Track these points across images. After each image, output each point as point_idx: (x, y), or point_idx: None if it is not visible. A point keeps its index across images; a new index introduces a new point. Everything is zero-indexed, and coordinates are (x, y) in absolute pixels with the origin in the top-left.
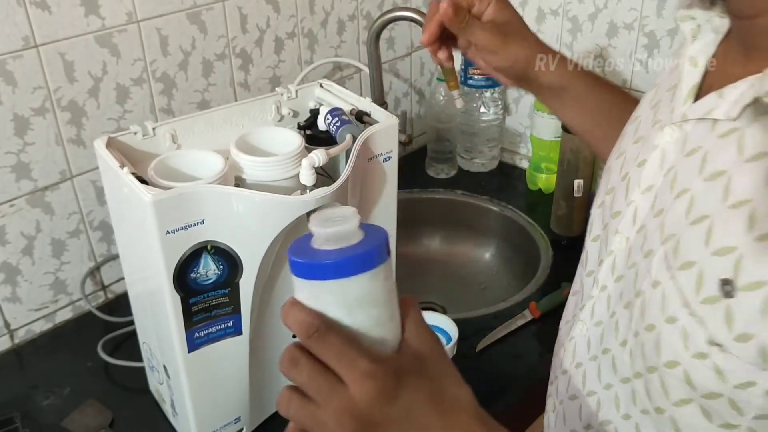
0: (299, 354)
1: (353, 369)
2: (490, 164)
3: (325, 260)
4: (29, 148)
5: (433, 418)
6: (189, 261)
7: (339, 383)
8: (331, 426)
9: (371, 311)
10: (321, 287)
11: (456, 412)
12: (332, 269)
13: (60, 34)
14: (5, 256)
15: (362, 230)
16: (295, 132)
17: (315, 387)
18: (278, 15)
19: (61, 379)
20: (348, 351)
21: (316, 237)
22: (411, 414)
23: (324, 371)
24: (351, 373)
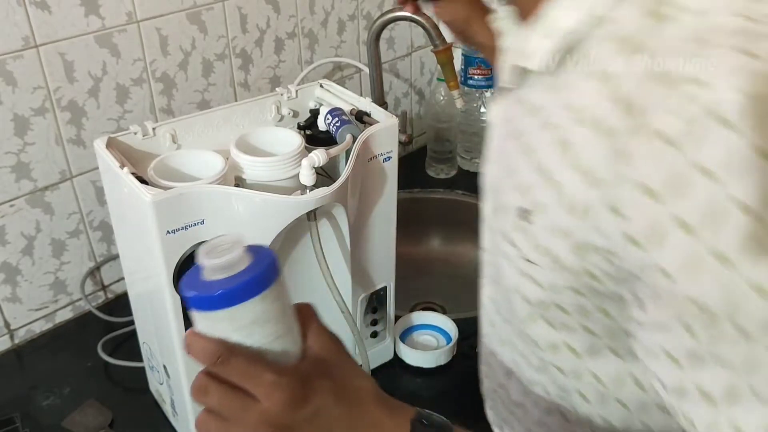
0: (207, 380)
1: (260, 384)
2: None
3: (215, 292)
4: (29, 148)
5: (342, 413)
6: (189, 261)
7: (250, 400)
8: None
9: (268, 329)
10: (216, 317)
11: (361, 403)
12: (222, 299)
13: (60, 34)
14: (5, 256)
15: (250, 254)
16: (295, 132)
17: (227, 407)
18: (278, 15)
19: (61, 379)
20: (252, 369)
21: (204, 269)
22: (321, 413)
23: (234, 392)
24: (259, 388)
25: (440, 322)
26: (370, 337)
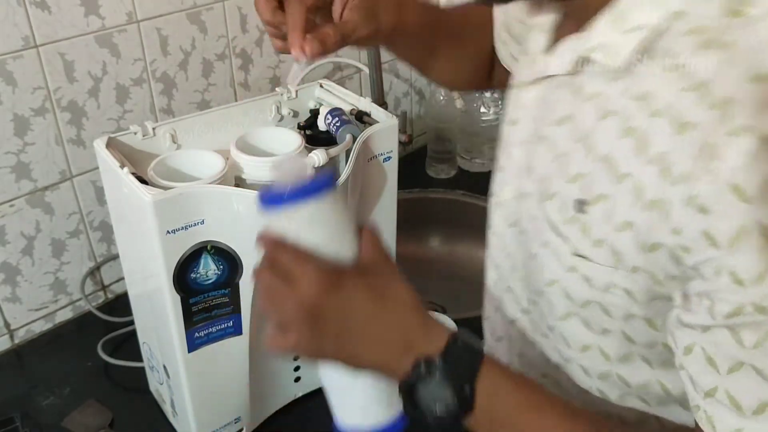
0: (262, 266)
1: (302, 270)
2: (490, 164)
3: (275, 193)
4: (29, 148)
5: (372, 308)
6: (189, 261)
7: (291, 284)
8: (290, 316)
9: (321, 231)
10: (278, 215)
11: (395, 309)
12: (282, 198)
13: (60, 34)
14: (5, 256)
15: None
16: (295, 132)
17: (274, 290)
18: None
19: (61, 379)
20: (298, 257)
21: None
22: (351, 305)
23: (281, 277)
24: (300, 273)
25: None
26: None
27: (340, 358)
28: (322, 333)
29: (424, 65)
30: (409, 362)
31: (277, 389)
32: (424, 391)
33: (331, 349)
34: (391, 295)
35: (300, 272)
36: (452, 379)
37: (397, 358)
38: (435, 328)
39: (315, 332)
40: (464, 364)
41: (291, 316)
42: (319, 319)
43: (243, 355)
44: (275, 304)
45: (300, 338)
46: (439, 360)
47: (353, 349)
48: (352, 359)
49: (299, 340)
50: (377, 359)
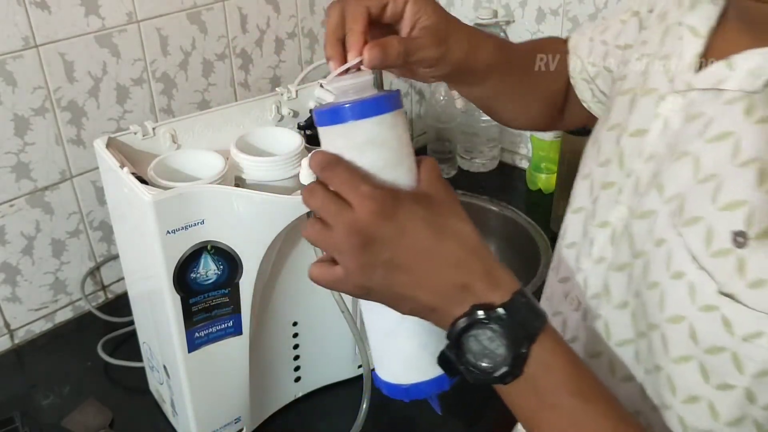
0: (316, 185)
1: (356, 192)
2: (490, 164)
3: (334, 108)
4: (29, 148)
5: (428, 241)
6: (189, 261)
7: (346, 206)
8: (340, 242)
9: (379, 154)
10: (333, 132)
11: (456, 241)
12: (340, 114)
13: (60, 34)
14: (5, 256)
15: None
16: (295, 132)
17: (326, 210)
18: (278, 15)
19: (61, 379)
20: (353, 178)
21: (334, 93)
22: (406, 232)
23: (334, 198)
24: (354, 195)
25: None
26: None
27: (387, 294)
28: (371, 263)
29: (489, 106)
30: (463, 307)
31: (277, 389)
32: (475, 341)
33: (379, 282)
34: (452, 231)
35: (354, 194)
36: (510, 335)
37: (450, 301)
38: (500, 275)
39: (364, 261)
40: (526, 322)
41: (341, 242)
42: (371, 246)
43: (243, 355)
44: (324, 230)
45: (348, 267)
46: (500, 310)
47: (403, 285)
48: (400, 298)
49: (347, 269)
50: (428, 299)
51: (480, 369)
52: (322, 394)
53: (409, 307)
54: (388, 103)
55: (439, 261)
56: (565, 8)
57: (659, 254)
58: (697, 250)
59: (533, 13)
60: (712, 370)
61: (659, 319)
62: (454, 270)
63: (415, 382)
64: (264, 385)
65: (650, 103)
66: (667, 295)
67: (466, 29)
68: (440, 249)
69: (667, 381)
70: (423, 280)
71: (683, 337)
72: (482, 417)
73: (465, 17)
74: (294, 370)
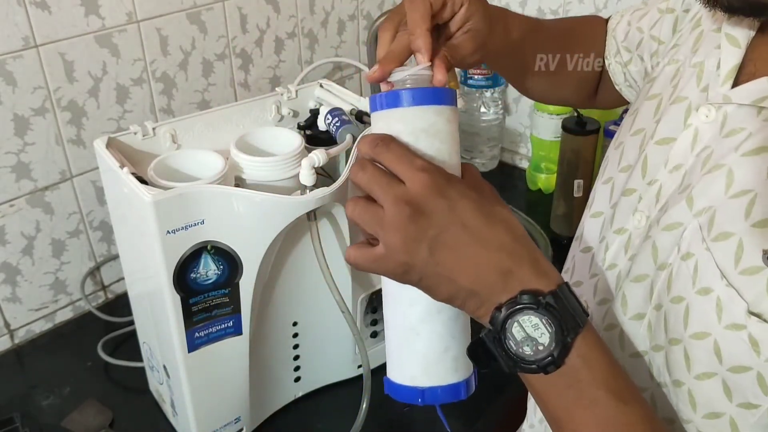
0: (366, 161)
1: (410, 165)
2: (490, 164)
3: (401, 91)
4: (29, 148)
5: (476, 221)
6: (189, 261)
7: (397, 179)
8: (388, 214)
9: (434, 143)
10: (391, 116)
11: (503, 227)
12: (405, 97)
13: (60, 34)
14: (5, 256)
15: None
16: (295, 132)
17: (376, 183)
18: (278, 15)
19: (61, 379)
20: (407, 153)
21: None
22: (456, 210)
23: (385, 172)
24: (407, 169)
25: None
26: (370, 337)
27: (427, 274)
28: (418, 237)
29: (521, 81)
30: (508, 293)
31: (277, 389)
32: (519, 328)
33: (422, 259)
34: (501, 217)
35: (408, 167)
36: (557, 323)
37: (492, 286)
38: (546, 265)
39: (411, 234)
40: (572, 311)
41: (389, 214)
42: (420, 218)
43: (243, 355)
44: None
45: (391, 243)
46: (549, 298)
47: (446, 264)
48: (440, 279)
49: (390, 245)
50: (470, 283)
51: (521, 357)
52: (322, 394)
53: (448, 292)
54: (448, 97)
55: (487, 244)
56: (565, 8)
57: (685, 268)
58: (726, 266)
59: (533, 13)
60: (735, 388)
61: (682, 334)
62: (501, 255)
63: (432, 385)
64: (264, 385)
65: (680, 112)
66: (693, 311)
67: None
68: (488, 232)
69: (688, 396)
70: (467, 262)
71: (707, 354)
72: (482, 417)
73: None
74: (294, 370)
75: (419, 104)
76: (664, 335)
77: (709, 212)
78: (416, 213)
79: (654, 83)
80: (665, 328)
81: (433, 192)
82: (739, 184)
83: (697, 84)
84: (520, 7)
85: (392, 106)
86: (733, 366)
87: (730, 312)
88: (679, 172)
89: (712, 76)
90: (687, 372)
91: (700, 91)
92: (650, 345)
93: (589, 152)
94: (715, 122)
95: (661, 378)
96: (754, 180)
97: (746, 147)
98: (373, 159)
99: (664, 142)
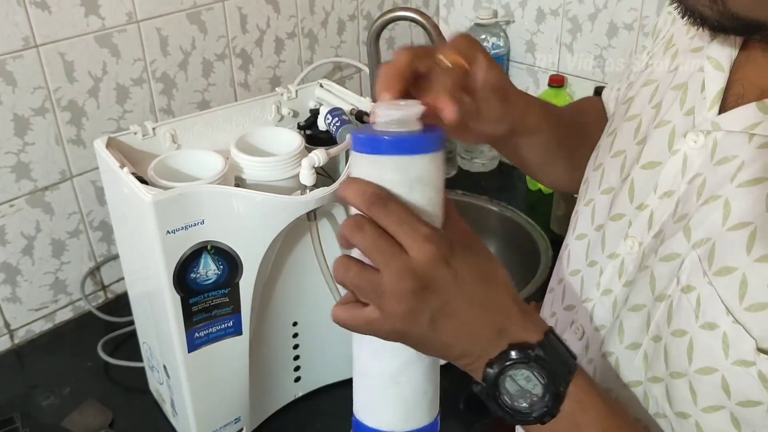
0: (364, 220)
1: (415, 233)
2: (490, 164)
3: (395, 136)
4: (29, 148)
5: (479, 288)
6: (189, 261)
7: (400, 247)
8: (389, 285)
9: (426, 192)
10: (385, 163)
11: (498, 288)
12: (401, 145)
13: (60, 34)
14: (5, 256)
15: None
16: (295, 132)
17: (378, 249)
18: (278, 15)
19: (61, 379)
20: (410, 218)
21: (379, 121)
22: (461, 280)
23: (387, 236)
24: (412, 237)
25: None
26: None
27: (423, 339)
28: (420, 309)
29: (540, 169)
30: (498, 348)
31: (277, 389)
32: (512, 382)
33: (422, 328)
34: (499, 278)
35: (413, 235)
36: (548, 374)
37: (486, 345)
38: (532, 315)
39: (413, 306)
40: (561, 359)
41: (390, 285)
42: (425, 292)
43: (243, 355)
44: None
45: (390, 311)
46: (538, 350)
47: (446, 331)
48: (438, 343)
49: (388, 312)
50: (465, 345)
51: (516, 410)
52: (322, 394)
53: (442, 352)
54: (442, 140)
55: (486, 307)
56: (565, 8)
57: (686, 301)
58: (731, 302)
59: (533, 13)
60: (743, 420)
61: (687, 369)
62: (496, 315)
63: (410, 429)
64: (264, 385)
65: (664, 136)
66: (697, 346)
67: (521, 92)
68: (489, 296)
69: (696, 428)
70: (467, 326)
71: (714, 388)
72: (482, 417)
73: (465, 17)
74: (294, 370)
75: (417, 153)
76: (665, 368)
77: (708, 244)
78: (421, 286)
79: (631, 104)
80: (666, 360)
81: (439, 265)
82: (736, 216)
83: (681, 107)
84: (521, 8)
85: (392, 153)
86: (742, 401)
87: (738, 349)
88: (671, 199)
89: (697, 99)
90: (693, 405)
91: (684, 115)
92: (646, 376)
93: None
94: (704, 148)
95: (659, 410)
96: (752, 212)
97: (742, 177)
98: (370, 217)
99: (650, 166)
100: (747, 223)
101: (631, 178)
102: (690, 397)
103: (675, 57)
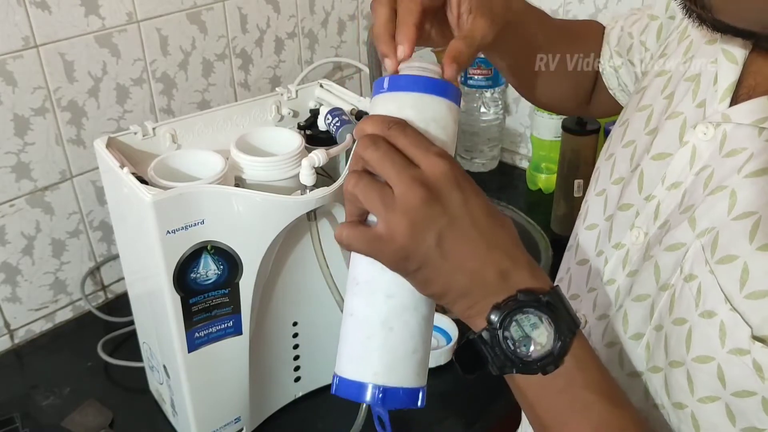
0: (378, 137)
1: (428, 151)
2: (490, 164)
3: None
4: (29, 148)
5: (486, 222)
6: (189, 261)
7: (412, 163)
8: (399, 193)
9: (440, 136)
10: (405, 99)
11: (505, 231)
12: (421, 82)
13: (60, 34)
14: (5, 256)
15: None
16: (295, 132)
17: (391, 161)
18: (278, 15)
19: (61, 379)
20: (424, 139)
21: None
22: (470, 206)
23: (400, 153)
24: (425, 154)
25: (440, 322)
26: None
27: (430, 263)
28: (427, 223)
29: (523, 78)
30: (506, 292)
31: (277, 389)
32: (517, 327)
33: (428, 247)
34: (503, 222)
35: (426, 153)
36: (557, 323)
37: (487, 287)
38: (539, 270)
39: (421, 218)
40: (568, 313)
41: (402, 195)
42: (434, 203)
43: (243, 355)
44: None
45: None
46: (548, 296)
47: (451, 256)
48: (441, 271)
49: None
50: (465, 282)
51: (519, 357)
52: (322, 394)
53: (443, 286)
54: (458, 96)
55: (491, 243)
56: (565, 8)
57: (688, 290)
58: (731, 290)
59: None
60: (738, 412)
61: (684, 357)
62: (502, 255)
63: (395, 385)
64: (264, 385)
65: (675, 127)
66: (695, 334)
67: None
68: (493, 232)
69: (692, 419)
70: (470, 257)
71: (710, 378)
72: (482, 417)
73: None
74: (294, 370)
75: (436, 94)
76: (664, 357)
77: (712, 233)
78: (431, 198)
79: (644, 94)
80: (666, 350)
81: (451, 181)
82: (742, 206)
83: (693, 99)
84: None
85: (408, 90)
86: (737, 391)
87: (734, 337)
88: (678, 190)
89: (709, 91)
90: (690, 395)
91: (695, 107)
92: (647, 366)
93: (589, 152)
94: (713, 140)
95: (657, 400)
96: (757, 202)
97: (749, 168)
98: (386, 139)
99: (660, 158)
100: (752, 212)
101: (640, 168)
102: (687, 386)
103: (689, 48)
